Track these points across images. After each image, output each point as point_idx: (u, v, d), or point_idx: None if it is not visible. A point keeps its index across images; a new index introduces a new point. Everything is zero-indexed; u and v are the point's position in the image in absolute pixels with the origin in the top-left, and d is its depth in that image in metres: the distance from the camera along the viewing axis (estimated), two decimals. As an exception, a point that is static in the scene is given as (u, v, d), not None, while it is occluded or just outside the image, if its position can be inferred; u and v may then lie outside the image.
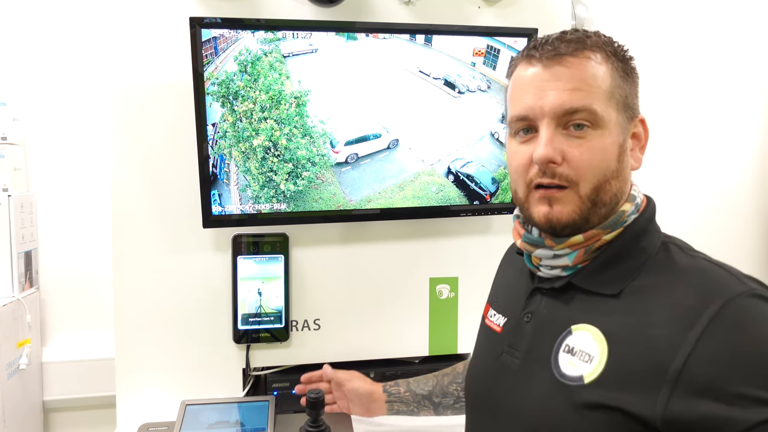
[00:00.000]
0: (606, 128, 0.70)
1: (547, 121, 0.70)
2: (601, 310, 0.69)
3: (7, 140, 1.63)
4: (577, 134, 0.70)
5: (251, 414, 1.15)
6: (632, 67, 0.75)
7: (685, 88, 2.11)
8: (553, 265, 0.74)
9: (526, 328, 0.76)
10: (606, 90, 0.70)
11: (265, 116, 1.27)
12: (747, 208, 2.20)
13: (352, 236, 1.42)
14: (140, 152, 1.32)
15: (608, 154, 0.70)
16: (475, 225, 1.47)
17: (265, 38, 1.25)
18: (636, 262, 0.70)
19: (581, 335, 0.69)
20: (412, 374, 1.43)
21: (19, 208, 1.63)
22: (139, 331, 1.35)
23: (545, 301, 0.75)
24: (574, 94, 0.69)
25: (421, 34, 1.32)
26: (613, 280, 0.70)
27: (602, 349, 0.66)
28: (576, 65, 0.70)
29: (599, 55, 0.71)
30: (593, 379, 0.65)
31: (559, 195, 0.71)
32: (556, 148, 0.69)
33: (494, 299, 0.89)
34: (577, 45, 0.71)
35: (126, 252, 1.33)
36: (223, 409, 1.16)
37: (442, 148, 1.38)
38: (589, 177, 0.69)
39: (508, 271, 0.91)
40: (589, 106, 0.69)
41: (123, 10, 1.29)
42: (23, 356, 1.61)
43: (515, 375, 0.75)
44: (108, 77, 1.30)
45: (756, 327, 0.61)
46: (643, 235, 0.72)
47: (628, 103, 0.73)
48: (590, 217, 0.71)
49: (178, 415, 1.13)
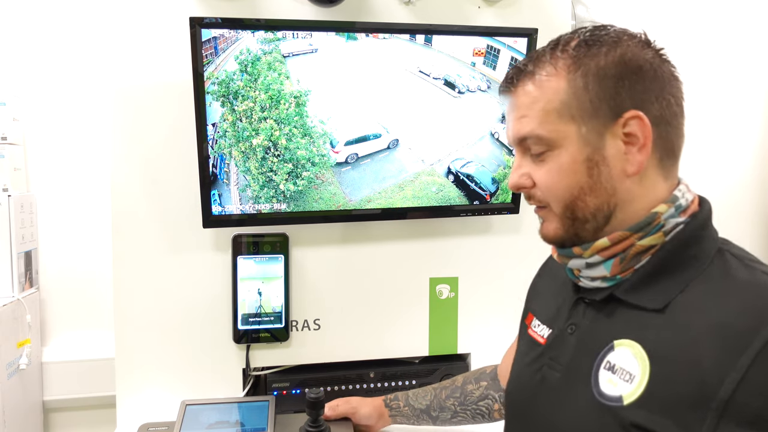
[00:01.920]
0: (561, 146, 0.69)
1: (516, 150, 0.75)
2: (645, 325, 0.65)
3: (7, 140, 1.63)
4: (538, 158, 0.72)
5: (251, 414, 1.15)
6: (614, 60, 0.68)
7: (685, 87, 2.11)
8: (592, 276, 0.72)
9: (569, 341, 0.74)
10: (554, 108, 0.68)
11: (265, 116, 1.27)
12: (747, 208, 2.20)
13: (352, 236, 1.42)
14: (140, 152, 1.32)
15: (569, 173, 0.68)
16: (475, 225, 1.47)
17: (265, 38, 1.25)
18: (684, 273, 0.65)
19: (623, 352, 0.65)
20: (412, 374, 1.43)
21: (19, 208, 1.63)
22: (139, 331, 1.35)
23: (588, 313, 0.73)
24: (520, 123, 0.71)
25: (421, 34, 1.32)
26: (659, 294, 0.66)
27: (644, 368, 0.63)
28: (522, 93, 0.71)
29: (549, 76, 0.69)
30: (633, 400, 0.62)
31: (542, 213, 0.75)
32: (523, 174, 0.73)
33: (537, 309, 0.86)
34: (522, 73, 0.72)
35: (126, 252, 1.33)
36: (223, 409, 1.16)
37: (442, 148, 1.38)
38: (554, 198, 0.71)
39: (550, 282, 0.88)
40: (531, 132, 0.70)
41: (123, 10, 1.29)
42: (23, 356, 1.61)
43: (555, 389, 0.73)
44: (108, 77, 1.30)
45: None
46: (693, 243, 0.68)
47: (602, 107, 0.67)
48: (578, 233, 0.70)
49: (178, 415, 1.13)
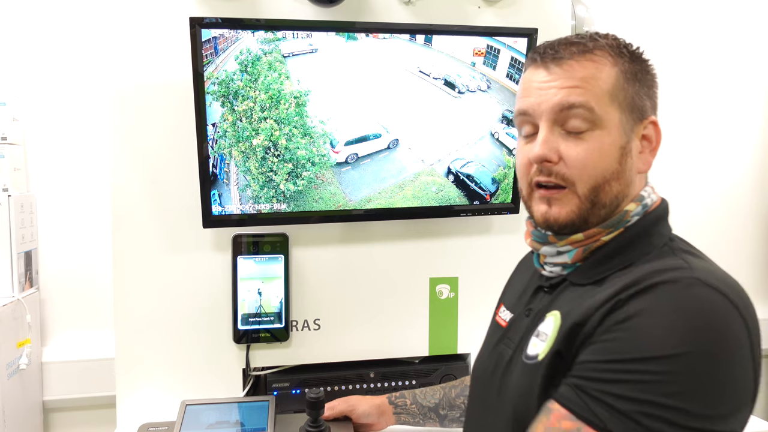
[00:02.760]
0: (605, 128, 0.71)
1: (545, 120, 0.72)
2: (573, 297, 0.72)
3: (7, 140, 1.63)
4: (576, 134, 0.71)
5: (251, 414, 1.15)
6: (645, 68, 0.75)
7: (684, 87, 2.11)
8: (555, 263, 0.77)
9: (524, 322, 0.79)
10: (607, 90, 0.71)
11: (265, 116, 1.27)
12: (747, 208, 2.20)
13: (352, 236, 1.42)
14: (140, 152, 1.32)
15: (607, 155, 0.71)
16: (475, 225, 1.47)
17: (265, 38, 1.25)
18: (626, 258, 0.71)
19: (548, 320, 0.73)
20: (412, 374, 1.43)
21: (19, 208, 1.63)
22: (139, 331, 1.35)
23: (544, 298, 0.79)
24: (572, 92, 0.70)
25: (421, 34, 1.32)
26: (599, 273, 0.72)
27: (556, 328, 0.70)
28: (576, 67, 0.72)
29: (603, 58, 0.72)
30: (544, 355, 0.70)
31: (558, 196, 0.73)
32: (551, 147, 0.71)
33: (506, 299, 0.92)
34: (579, 48, 0.73)
35: (126, 252, 1.33)
36: (223, 409, 1.16)
37: (442, 148, 1.38)
38: (586, 177, 0.71)
39: (524, 274, 0.93)
40: (586, 102, 0.70)
41: (123, 10, 1.29)
42: (23, 356, 1.61)
43: (507, 363, 0.78)
44: (108, 77, 1.30)
45: (668, 298, 0.62)
46: (643, 236, 0.73)
47: (635, 105, 0.73)
48: (589, 218, 0.73)
49: (178, 415, 1.13)
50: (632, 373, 0.60)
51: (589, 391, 0.62)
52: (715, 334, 0.60)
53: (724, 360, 0.60)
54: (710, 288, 0.63)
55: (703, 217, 2.16)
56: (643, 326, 0.61)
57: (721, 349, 0.60)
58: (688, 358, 0.58)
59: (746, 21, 2.15)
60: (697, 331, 0.60)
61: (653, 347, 0.60)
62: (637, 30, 2.06)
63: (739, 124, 2.17)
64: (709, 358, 0.59)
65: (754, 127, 2.18)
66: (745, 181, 2.19)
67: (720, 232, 2.18)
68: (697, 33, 2.11)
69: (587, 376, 0.63)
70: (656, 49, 2.07)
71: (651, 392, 0.58)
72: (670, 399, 0.58)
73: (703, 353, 0.59)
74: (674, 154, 2.12)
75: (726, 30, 2.13)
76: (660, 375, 0.59)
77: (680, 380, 0.58)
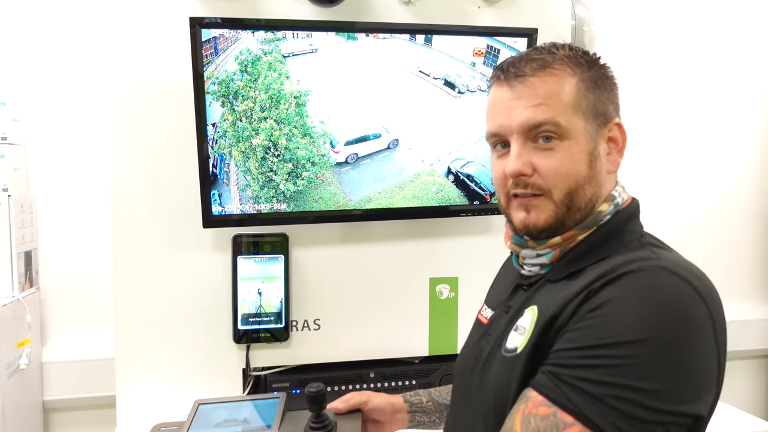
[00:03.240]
0: (573, 138, 0.74)
1: (516, 137, 0.76)
2: (549, 292, 0.75)
3: (7, 140, 1.63)
4: (546, 146, 0.75)
5: (261, 411, 1.15)
6: (604, 74, 0.78)
7: (684, 87, 2.11)
8: (534, 263, 0.81)
9: (503, 319, 0.82)
10: (570, 102, 0.74)
11: (265, 116, 1.27)
12: (747, 208, 2.20)
13: (352, 236, 1.42)
14: (140, 152, 1.32)
15: (577, 162, 0.75)
16: (475, 225, 1.47)
17: (265, 38, 1.25)
18: (599, 253, 0.75)
19: (526, 314, 0.76)
20: (412, 374, 1.43)
21: (19, 208, 1.63)
22: (139, 331, 1.35)
23: (522, 295, 0.82)
24: (538, 109, 0.74)
25: (421, 34, 1.32)
26: (574, 267, 0.76)
27: (533, 321, 0.73)
28: (538, 84, 0.75)
29: (563, 71, 0.76)
30: (522, 348, 0.73)
31: (535, 202, 0.76)
32: (525, 161, 0.75)
33: (488, 298, 0.96)
34: (539, 64, 0.76)
35: (126, 252, 1.33)
36: (233, 407, 1.15)
37: (442, 148, 1.38)
38: (560, 185, 0.75)
39: (505, 273, 0.96)
40: (552, 118, 0.74)
41: (123, 11, 1.29)
42: (23, 356, 1.61)
43: (486, 357, 0.81)
44: (108, 77, 1.30)
45: (636, 286, 0.66)
46: (615, 234, 0.76)
47: (598, 111, 0.76)
48: (565, 221, 0.76)
49: (189, 414, 1.12)
50: (603, 358, 0.63)
51: (563, 377, 0.64)
52: (680, 321, 0.63)
53: (687, 346, 0.63)
54: (676, 276, 0.66)
55: (704, 217, 2.16)
56: (612, 313, 0.65)
57: (686, 336, 0.63)
58: (655, 343, 0.61)
59: (746, 21, 2.15)
60: (664, 318, 0.63)
61: (622, 333, 0.63)
62: (637, 30, 2.06)
63: (738, 125, 2.17)
64: (674, 344, 0.62)
65: (753, 127, 2.18)
66: (745, 182, 2.19)
67: (720, 233, 2.18)
68: (696, 33, 2.11)
69: (561, 363, 0.66)
70: (656, 49, 2.08)
71: (621, 376, 0.61)
72: (640, 381, 0.61)
73: (669, 339, 0.62)
74: (674, 154, 2.12)
75: (726, 30, 2.13)
76: (629, 359, 0.61)
77: (648, 363, 0.61)
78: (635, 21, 2.06)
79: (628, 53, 2.06)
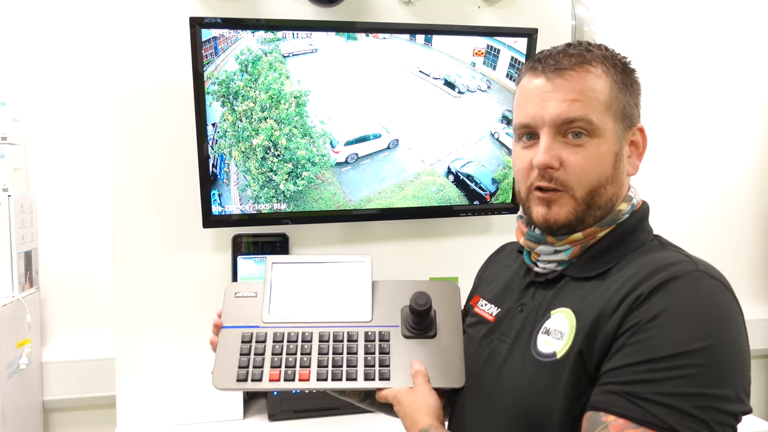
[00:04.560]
0: (602, 137, 0.75)
1: (547, 130, 0.76)
2: (581, 294, 0.75)
3: (7, 140, 1.63)
4: (575, 142, 0.75)
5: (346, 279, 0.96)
6: (634, 78, 0.80)
7: (684, 87, 2.11)
8: (550, 260, 0.80)
9: (518, 317, 0.81)
10: (603, 101, 0.75)
11: (265, 116, 1.27)
12: (747, 209, 2.20)
13: (352, 236, 1.42)
14: (140, 152, 1.32)
15: (603, 161, 0.75)
16: (475, 225, 1.47)
17: (265, 38, 1.25)
18: (619, 251, 0.77)
19: (557, 317, 0.75)
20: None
21: (19, 208, 1.63)
22: (139, 331, 1.35)
23: (538, 293, 0.81)
24: (573, 105, 0.74)
25: (421, 34, 1.32)
26: (598, 266, 0.76)
27: (571, 326, 0.73)
28: (576, 78, 0.75)
29: (599, 69, 0.76)
30: (564, 353, 0.72)
31: (556, 197, 0.76)
32: (554, 154, 0.75)
33: (484, 292, 0.94)
34: (578, 59, 0.76)
35: (126, 252, 1.33)
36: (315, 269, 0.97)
37: (442, 148, 1.38)
38: (584, 182, 0.75)
39: (499, 268, 0.96)
40: (585, 116, 0.74)
41: (123, 11, 1.29)
42: (23, 356, 1.61)
43: (504, 358, 0.80)
44: (108, 77, 1.30)
45: (686, 293, 0.67)
46: (632, 232, 0.78)
47: (626, 113, 0.77)
48: (585, 218, 0.77)
49: (266, 274, 0.96)
50: (675, 370, 0.63)
51: (642, 395, 0.63)
52: (728, 324, 0.66)
53: (739, 347, 0.66)
54: (714, 279, 0.69)
55: (704, 217, 2.16)
56: (671, 323, 0.65)
57: (736, 338, 0.66)
58: (716, 349, 0.64)
59: (746, 21, 2.15)
60: (716, 322, 0.65)
61: (687, 342, 0.64)
62: (637, 29, 2.06)
63: (738, 125, 2.17)
64: (729, 347, 0.65)
65: (753, 127, 2.18)
66: (745, 182, 2.19)
67: (720, 233, 2.18)
68: (696, 33, 2.11)
69: (634, 379, 0.64)
70: (656, 48, 2.08)
71: (697, 385, 0.62)
72: (713, 388, 0.62)
73: (725, 343, 0.65)
74: (674, 154, 2.12)
75: (726, 30, 2.13)
76: (699, 368, 0.63)
77: (716, 369, 0.63)
78: (635, 21, 2.06)
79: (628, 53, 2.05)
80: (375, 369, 0.86)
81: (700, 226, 2.15)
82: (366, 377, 0.85)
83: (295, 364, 0.86)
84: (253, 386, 0.85)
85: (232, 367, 0.86)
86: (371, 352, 0.87)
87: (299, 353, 0.87)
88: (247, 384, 0.85)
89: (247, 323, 0.90)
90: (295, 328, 0.89)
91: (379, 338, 0.89)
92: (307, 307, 0.92)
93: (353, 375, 0.85)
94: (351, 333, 0.89)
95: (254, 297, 0.93)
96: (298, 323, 0.90)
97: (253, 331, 0.89)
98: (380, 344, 0.88)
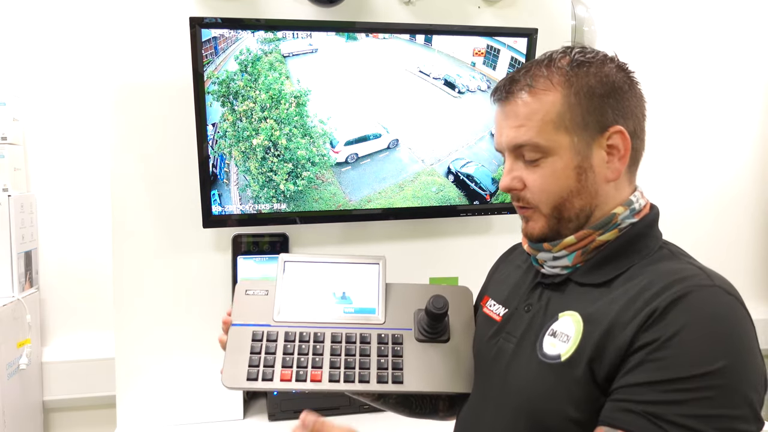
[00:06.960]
0: (556, 154, 0.76)
1: (508, 154, 0.80)
2: (589, 299, 0.76)
3: (7, 140, 1.63)
4: (532, 163, 0.77)
5: (358, 283, 0.96)
6: (608, 80, 0.76)
7: (684, 85, 2.11)
8: (554, 265, 0.82)
9: (524, 317, 0.82)
10: (552, 120, 0.75)
11: (265, 116, 1.27)
12: (745, 207, 2.20)
13: (352, 236, 1.42)
14: (140, 152, 1.32)
15: (562, 177, 0.76)
16: (475, 225, 1.47)
17: (265, 38, 1.25)
18: (628, 260, 0.76)
19: (564, 320, 0.76)
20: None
21: (19, 208, 1.63)
22: (139, 331, 1.35)
23: (545, 294, 0.82)
24: (519, 131, 0.77)
25: (421, 34, 1.32)
26: (605, 274, 0.76)
27: (578, 329, 0.73)
28: (519, 104, 0.77)
29: (546, 89, 0.76)
30: (569, 356, 0.72)
31: (528, 213, 0.81)
32: (514, 176, 0.79)
33: (493, 293, 0.95)
34: (523, 83, 0.77)
35: (126, 252, 1.33)
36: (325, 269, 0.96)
37: (442, 148, 1.38)
38: (545, 199, 0.78)
39: (509, 269, 0.97)
40: (530, 140, 0.76)
41: (123, 10, 1.29)
42: (23, 356, 1.61)
43: (509, 357, 0.81)
44: (108, 77, 1.30)
45: (704, 309, 0.67)
46: (640, 239, 0.78)
47: (589, 121, 0.75)
48: (560, 230, 0.79)
49: (278, 271, 0.96)
50: (696, 391, 0.63)
51: (664, 416, 0.63)
52: (744, 341, 0.67)
53: (755, 364, 0.66)
54: (729, 295, 0.69)
55: (702, 216, 2.16)
56: (691, 341, 0.65)
57: (752, 355, 0.66)
58: (734, 368, 0.64)
59: (745, 19, 2.15)
60: (734, 340, 0.66)
61: (708, 362, 0.64)
62: (637, 29, 2.06)
63: (737, 122, 2.17)
64: (746, 365, 0.65)
65: (752, 125, 2.18)
66: (745, 182, 2.19)
67: (719, 233, 2.18)
68: (696, 31, 2.11)
69: (653, 400, 0.64)
70: (656, 47, 2.08)
71: (719, 407, 0.63)
72: (733, 409, 0.63)
73: (743, 362, 0.65)
74: (674, 152, 2.12)
75: (725, 28, 2.13)
76: (719, 389, 0.63)
77: (735, 389, 0.64)
78: (635, 21, 2.06)
79: (628, 53, 2.05)
80: (388, 372, 0.85)
81: (700, 226, 2.15)
82: (379, 380, 0.84)
83: (307, 364, 0.85)
84: (264, 386, 0.84)
85: (242, 365, 0.85)
86: (384, 354, 0.87)
87: (311, 353, 0.86)
88: (257, 383, 0.84)
89: (258, 321, 0.89)
90: (307, 328, 0.89)
91: (393, 341, 0.88)
92: (319, 307, 0.91)
93: (366, 377, 0.84)
94: (364, 335, 0.88)
95: (265, 295, 0.92)
96: (310, 323, 0.89)
97: (264, 329, 0.88)
98: (393, 347, 0.88)
